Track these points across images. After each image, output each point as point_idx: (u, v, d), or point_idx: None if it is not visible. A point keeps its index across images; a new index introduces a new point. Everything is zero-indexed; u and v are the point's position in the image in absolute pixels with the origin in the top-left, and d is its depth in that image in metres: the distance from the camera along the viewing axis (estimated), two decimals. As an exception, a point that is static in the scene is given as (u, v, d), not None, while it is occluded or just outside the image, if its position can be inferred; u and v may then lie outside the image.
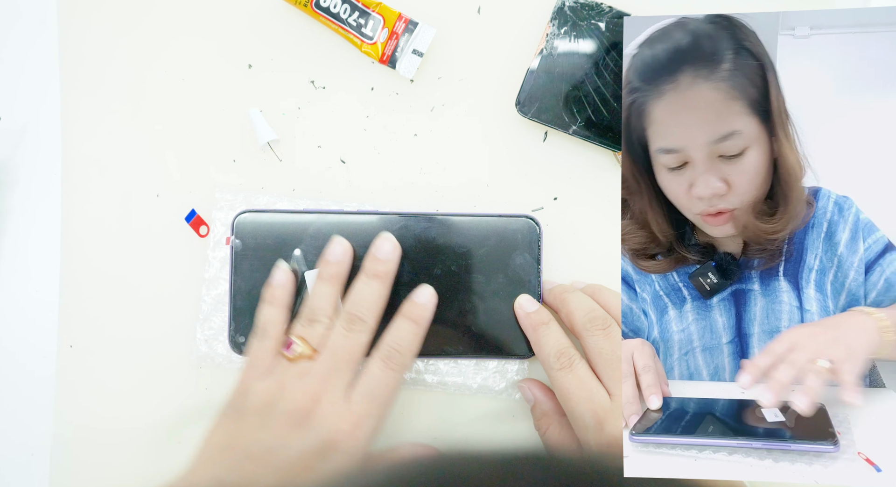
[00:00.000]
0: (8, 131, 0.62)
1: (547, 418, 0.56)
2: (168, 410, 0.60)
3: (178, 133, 0.61)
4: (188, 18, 0.62)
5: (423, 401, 0.60)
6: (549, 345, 0.53)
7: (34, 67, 0.62)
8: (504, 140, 0.61)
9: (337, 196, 0.61)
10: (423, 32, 0.60)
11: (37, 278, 0.61)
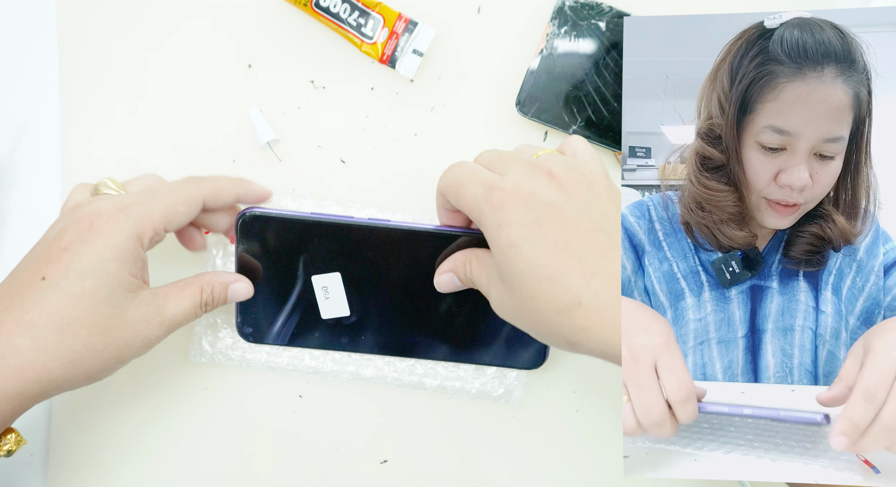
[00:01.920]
0: (7, 131, 0.62)
1: (466, 261, 0.52)
2: (167, 409, 0.60)
3: (178, 133, 0.61)
4: (188, 18, 0.62)
5: (423, 403, 0.60)
6: (444, 175, 0.51)
7: (33, 67, 0.62)
8: (504, 140, 0.61)
9: (337, 196, 0.61)
10: (423, 32, 0.60)
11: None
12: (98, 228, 0.48)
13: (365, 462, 0.61)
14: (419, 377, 0.59)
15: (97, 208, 0.49)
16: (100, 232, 0.48)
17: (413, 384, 0.59)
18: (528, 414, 0.60)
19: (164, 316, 0.51)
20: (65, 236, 0.48)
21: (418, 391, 0.60)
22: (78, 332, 0.47)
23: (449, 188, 0.49)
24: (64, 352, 0.47)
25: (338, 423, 0.61)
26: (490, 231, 0.46)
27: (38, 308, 0.46)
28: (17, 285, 0.48)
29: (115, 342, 0.48)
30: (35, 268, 0.47)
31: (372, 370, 0.59)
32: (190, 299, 0.52)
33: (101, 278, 0.47)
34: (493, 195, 0.46)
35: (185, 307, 0.52)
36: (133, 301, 0.49)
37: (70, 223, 0.48)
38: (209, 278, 0.54)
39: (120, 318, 0.48)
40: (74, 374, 0.48)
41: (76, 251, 0.47)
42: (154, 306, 0.50)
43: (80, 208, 0.50)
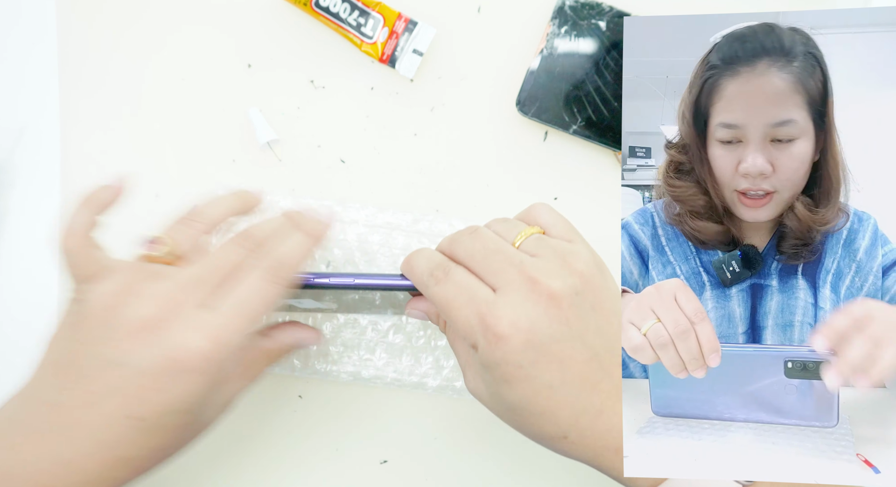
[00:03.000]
0: (8, 131, 0.62)
1: (441, 321, 0.52)
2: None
3: (178, 133, 0.61)
4: (187, 18, 0.62)
5: (423, 403, 0.60)
6: (421, 266, 0.48)
7: (34, 68, 0.62)
8: (504, 140, 0.61)
9: (337, 196, 0.61)
10: (423, 32, 0.60)
11: (36, 279, 0.61)
12: (192, 367, 0.44)
13: (365, 462, 0.61)
14: (419, 378, 0.59)
15: (185, 341, 0.44)
16: (199, 373, 0.44)
17: (413, 385, 0.59)
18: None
19: (235, 398, 0.50)
20: (156, 376, 0.44)
21: (418, 391, 0.60)
22: (165, 452, 0.47)
23: (438, 304, 0.47)
24: (155, 465, 0.47)
25: (338, 423, 0.61)
26: (484, 359, 0.46)
27: (137, 446, 0.44)
28: (103, 418, 0.44)
29: (192, 438, 0.48)
30: (123, 403, 0.44)
31: (372, 370, 0.59)
32: (259, 371, 0.51)
33: (198, 410, 0.46)
34: (489, 331, 0.45)
35: (254, 379, 0.51)
36: (213, 405, 0.48)
37: (161, 358, 0.44)
38: (278, 343, 0.53)
39: (200, 423, 0.48)
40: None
41: (173, 395, 0.44)
42: (228, 397, 0.49)
43: (162, 326, 0.44)
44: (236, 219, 0.53)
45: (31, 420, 0.44)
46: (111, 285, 0.45)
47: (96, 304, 0.45)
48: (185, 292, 0.45)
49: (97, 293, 0.45)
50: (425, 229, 0.60)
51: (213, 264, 0.47)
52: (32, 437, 0.44)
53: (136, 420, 0.44)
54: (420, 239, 0.59)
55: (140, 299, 0.44)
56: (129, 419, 0.44)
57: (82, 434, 0.43)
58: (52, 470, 0.43)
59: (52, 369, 0.45)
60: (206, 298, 0.45)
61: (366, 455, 0.61)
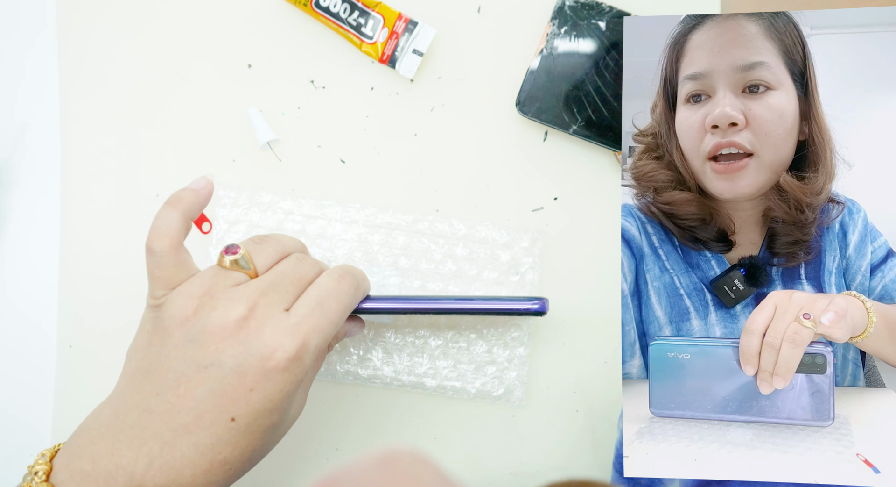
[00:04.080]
0: (8, 131, 0.62)
1: None
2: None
3: (178, 133, 0.61)
4: (188, 18, 0.62)
5: (423, 403, 0.60)
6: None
7: (34, 67, 0.62)
8: (504, 140, 0.61)
9: (337, 196, 0.61)
10: (423, 32, 0.60)
11: (36, 278, 0.61)
12: (282, 365, 0.45)
13: (365, 462, 0.60)
14: (419, 377, 0.59)
15: (273, 341, 0.45)
16: (285, 371, 0.45)
17: (413, 384, 0.59)
18: (528, 414, 0.60)
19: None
20: (248, 375, 0.44)
21: (418, 390, 0.60)
22: (259, 452, 0.47)
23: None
24: (247, 468, 0.47)
25: (338, 423, 0.61)
26: None
27: (232, 447, 0.45)
28: (200, 422, 0.44)
29: (281, 437, 0.49)
30: (219, 405, 0.44)
31: (371, 369, 0.59)
32: (317, 371, 0.51)
33: (286, 408, 0.47)
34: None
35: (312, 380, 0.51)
36: (296, 403, 0.49)
37: (254, 358, 0.45)
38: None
39: (288, 421, 0.48)
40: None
41: (263, 392, 0.45)
42: (306, 392, 0.50)
43: (246, 326, 0.45)
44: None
45: (128, 427, 0.44)
46: (193, 289, 0.46)
47: (181, 309, 0.45)
48: (267, 295, 0.46)
49: (180, 299, 0.46)
50: (425, 229, 0.60)
51: (284, 272, 0.48)
52: (132, 443, 0.44)
53: (231, 422, 0.44)
54: (420, 239, 0.60)
55: (227, 302, 0.45)
56: (225, 420, 0.44)
57: (181, 439, 0.44)
58: (152, 475, 0.43)
59: (141, 377, 0.46)
60: (286, 301, 0.46)
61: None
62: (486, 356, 0.59)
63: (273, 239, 0.50)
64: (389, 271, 0.59)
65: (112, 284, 0.61)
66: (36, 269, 0.61)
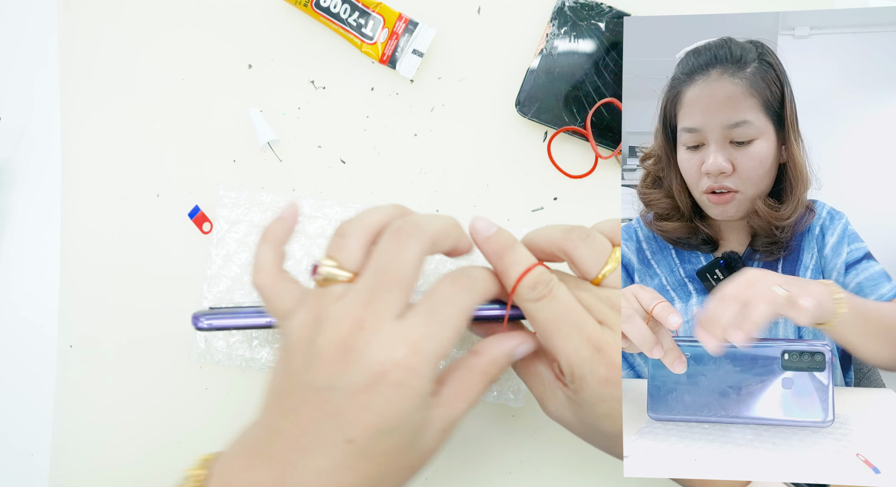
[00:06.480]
0: (8, 131, 0.62)
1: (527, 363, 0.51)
2: (168, 409, 0.60)
3: (178, 133, 0.61)
4: (188, 18, 0.62)
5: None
6: (519, 274, 0.48)
7: (34, 67, 0.62)
8: (504, 140, 0.61)
9: (337, 196, 0.61)
10: (423, 32, 0.60)
11: (37, 278, 0.61)
12: (394, 379, 0.43)
13: (365, 462, 0.60)
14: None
15: (382, 355, 0.43)
16: (402, 387, 0.43)
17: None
18: (528, 414, 0.60)
19: (454, 423, 0.47)
20: (360, 394, 0.43)
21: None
22: (384, 480, 0.45)
23: (541, 322, 0.47)
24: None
25: (338, 423, 0.61)
26: (589, 397, 0.47)
27: (353, 473, 0.44)
28: (319, 444, 0.44)
29: (413, 468, 0.46)
30: (335, 427, 0.44)
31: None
32: (476, 391, 0.47)
33: (405, 430, 0.44)
34: (601, 369, 0.46)
35: (473, 401, 0.47)
36: (428, 429, 0.46)
37: (363, 375, 0.43)
38: (490, 357, 0.48)
39: (417, 448, 0.46)
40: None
41: (380, 412, 0.43)
42: (445, 421, 0.46)
43: (360, 348, 0.44)
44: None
45: (263, 446, 0.45)
46: (302, 316, 0.46)
47: (295, 336, 0.46)
48: (369, 306, 0.44)
49: (293, 327, 0.46)
50: (425, 229, 0.60)
51: (381, 267, 0.45)
52: (265, 461, 0.44)
53: (348, 444, 0.43)
54: (420, 239, 0.60)
55: (332, 323, 0.44)
56: (342, 442, 0.43)
57: (303, 461, 0.44)
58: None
59: (275, 398, 0.46)
60: (393, 305, 0.45)
61: (366, 455, 0.61)
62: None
63: (356, 224, 0.48)
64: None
65: (112, 284, 0.61)
66: (36, 269, 0.62)
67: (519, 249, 0.49)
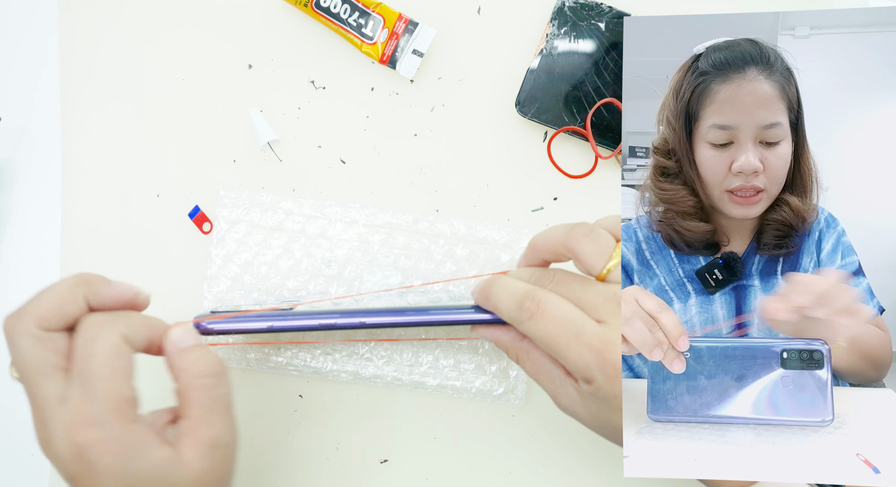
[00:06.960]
0: (8, 131, 0.62)
1: (515, 347, 0.52)
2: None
3: (179, 133, 0.61)
4: (188, 18, 0.62)
5: (423, 403, 0.60)
6: (506, 301, 0.49)
7: (34, 67, 0.62)
8: (504, 140, 0.61)
9: (337, 196, 0.61)
10: (423, 32, 0.60)
11: (37, 278, 0.61)
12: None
13: (365, 462, 0.61)
14: (419, 377, 0.59)
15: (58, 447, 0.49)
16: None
17: (413, 384, 0.59)
18: (528, 414, 0.60)
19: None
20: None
21: (418, 390, 0.60)
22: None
23: (540, 340, 0.48)
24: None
25: (338, 423, 0.61)
26: (602, 393, 0.48)
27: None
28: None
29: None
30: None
31: (372, 369, 0.59)
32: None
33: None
34: (610, 367, 0.47)
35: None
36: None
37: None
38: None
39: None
40: None
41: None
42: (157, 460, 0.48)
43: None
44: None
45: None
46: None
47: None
48: (56, 411, 0.49)
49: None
50: (425, 229, 0.60)
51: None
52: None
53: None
54: (420, 239, 0.60)
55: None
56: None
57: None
58: None
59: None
60: (62, 393, 0.48)
61: (366, 454, 0.61)
62: (487, 354, 0.59)
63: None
64: (390, 271, 0.59)
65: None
66: (36, 269, 0.61)
67: (501, 279, 0.51)
